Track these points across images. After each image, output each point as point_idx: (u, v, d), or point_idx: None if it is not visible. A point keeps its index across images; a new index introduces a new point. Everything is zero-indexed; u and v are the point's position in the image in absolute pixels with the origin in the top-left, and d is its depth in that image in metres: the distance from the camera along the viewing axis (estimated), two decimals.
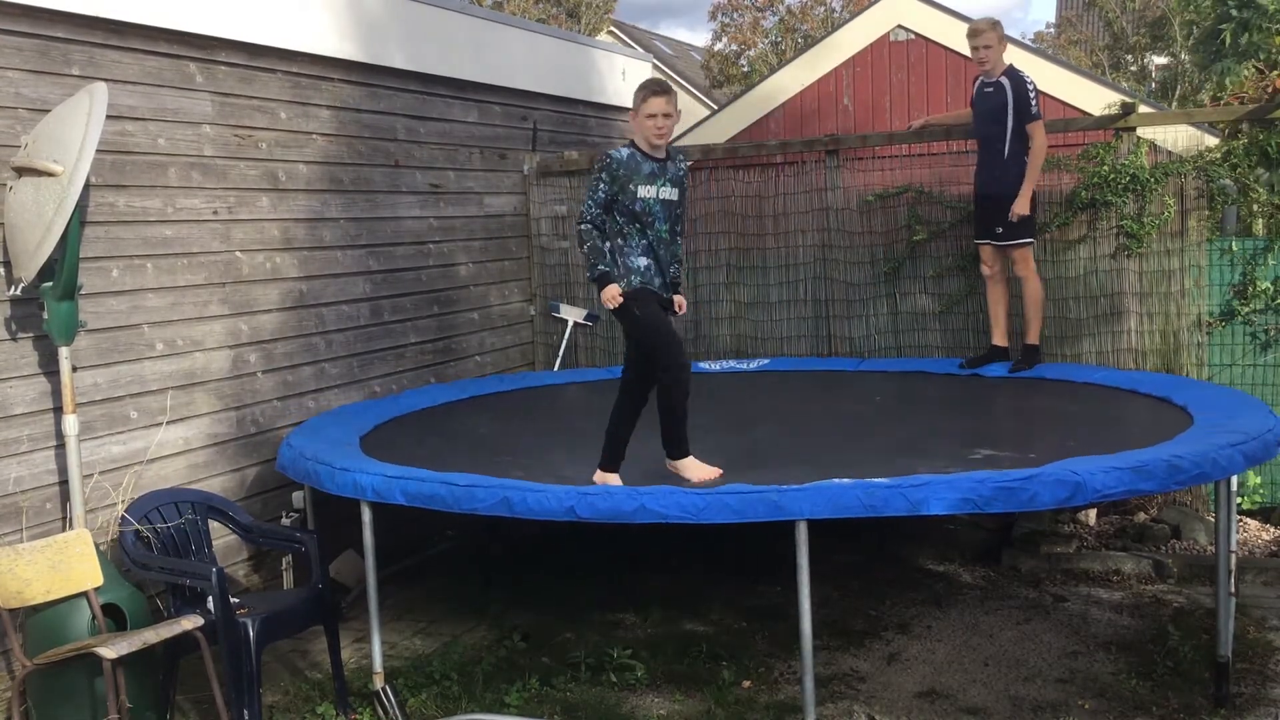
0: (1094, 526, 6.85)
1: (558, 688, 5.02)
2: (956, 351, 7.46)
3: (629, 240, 4.84)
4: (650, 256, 4.87)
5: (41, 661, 4.40)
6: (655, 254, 4.88)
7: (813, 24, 29.41)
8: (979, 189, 6.89)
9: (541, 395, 7.29)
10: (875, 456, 5.12)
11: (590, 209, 4.79)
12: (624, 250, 4.84)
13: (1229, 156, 6.84)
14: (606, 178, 4.78)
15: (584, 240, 4.80)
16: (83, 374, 5.18)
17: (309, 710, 4.93)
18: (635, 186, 4.79)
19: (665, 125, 4.81)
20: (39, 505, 5.02)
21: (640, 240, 4.85)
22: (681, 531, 4.79)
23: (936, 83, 9.44)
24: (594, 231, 4.79)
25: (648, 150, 4.84)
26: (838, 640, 5.44)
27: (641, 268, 4.84)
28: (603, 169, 4.80)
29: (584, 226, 4.80)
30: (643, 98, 4.81)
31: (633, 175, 4.79)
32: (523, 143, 8.36)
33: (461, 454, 5.40)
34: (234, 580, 5.87)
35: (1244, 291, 6.85)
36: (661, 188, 4.86)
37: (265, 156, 6.21)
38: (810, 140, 8.24)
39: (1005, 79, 6.62)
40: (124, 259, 5.44)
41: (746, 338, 8.05)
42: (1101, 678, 4.92)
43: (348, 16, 6.68)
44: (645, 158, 4.84)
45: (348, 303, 6.76)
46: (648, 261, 4.86)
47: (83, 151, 4.70)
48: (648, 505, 4.23)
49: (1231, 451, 4.38)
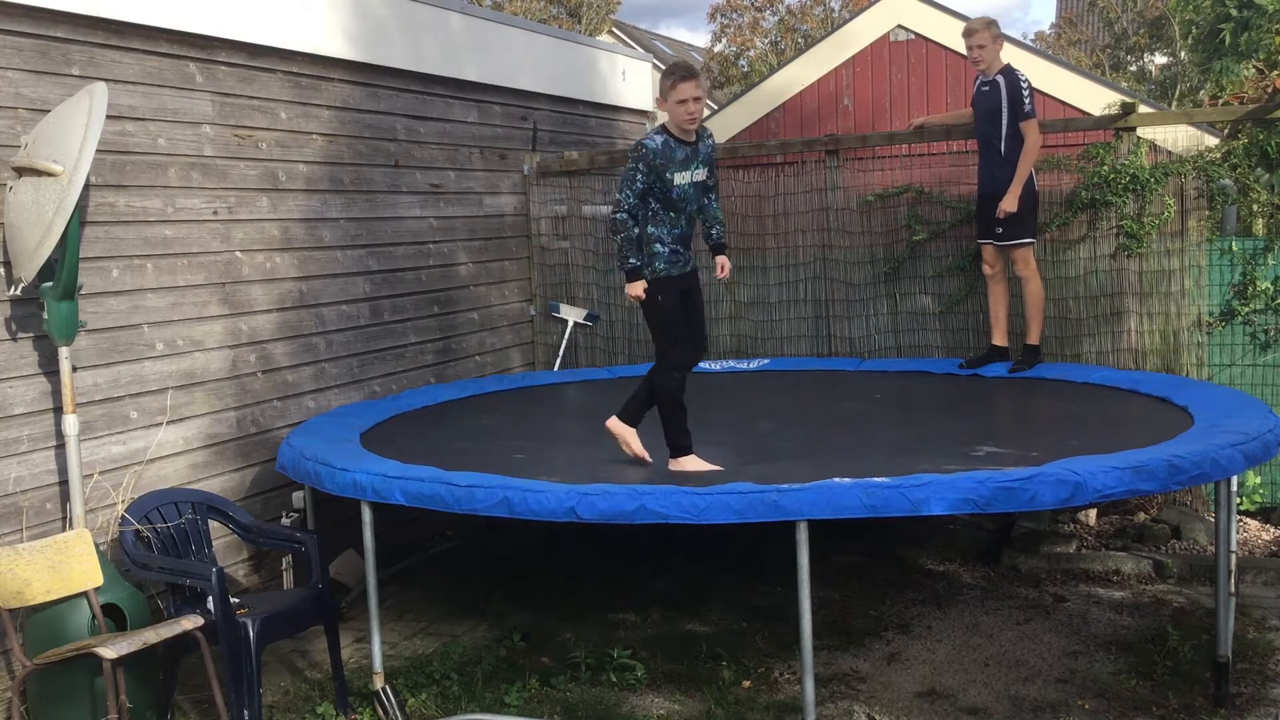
0: (1094, 526, 6.86)
1: (558, 688, 5.02)
2: (956, 351, 7.46)
3: (660, 226, 4.93)
4: (680, 242, 4.99)
5: (41, 661, 4.40)
6: (685, 237, 5.01)
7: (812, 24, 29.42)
8: (979, 188, 6.91)
9: (541, 395, 7.29)
10: (875, 456, 5.11)
11: (628, 199, 4.84)
12: (655, 236, 4.93)
13: (1229, 156, 6.84)
14: (644, 168, 4.83)
15: (619, 230, 4.86)
16: (83, 374, 5.18)
17: (309, 710, 4.93)
18: (671, 175, 4.86)
19: (696, 109, 4.86)
20: (39, 505, 5.02)
21: (672, 227, 4.95)
22: (681, 531, 4.79)
23: (937, 83, 9.45)
24: (630, 222, 4.86)
25: (679, 135, 4.89)
26: (838, 640, 5.44)
27: (669, 254, 4.95)
28: (639, 159, 4.84)
29: (620, 216, 4.85)
30: (672, 84, 4.83)
31: (669, 164, 4.85)
32: (523, 143, 8.36)
33: (461, 454, 5.39)
34: (234, 580, 5.87)
35: (1244, 291, 6.85)
36: (695, 171, 4.94)
37: (265, 156, 6.21)
38: (810, 140, 8.24)
39: (1001, 78, 6.64)
40: (124, 259, 5.44)
41: (746, 338, 8.05)
42: (1101, 678, 4.92)
43: (348, 16, 6.68)
44: (679, 143, 4.89)
45: (348, 303, 6.76)
46: (677, 247, 4.98)
47: (83, 151, 4.70)
48: (648, 505, 4.23)
49: (1231, 451, 4.38)
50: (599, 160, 8.47)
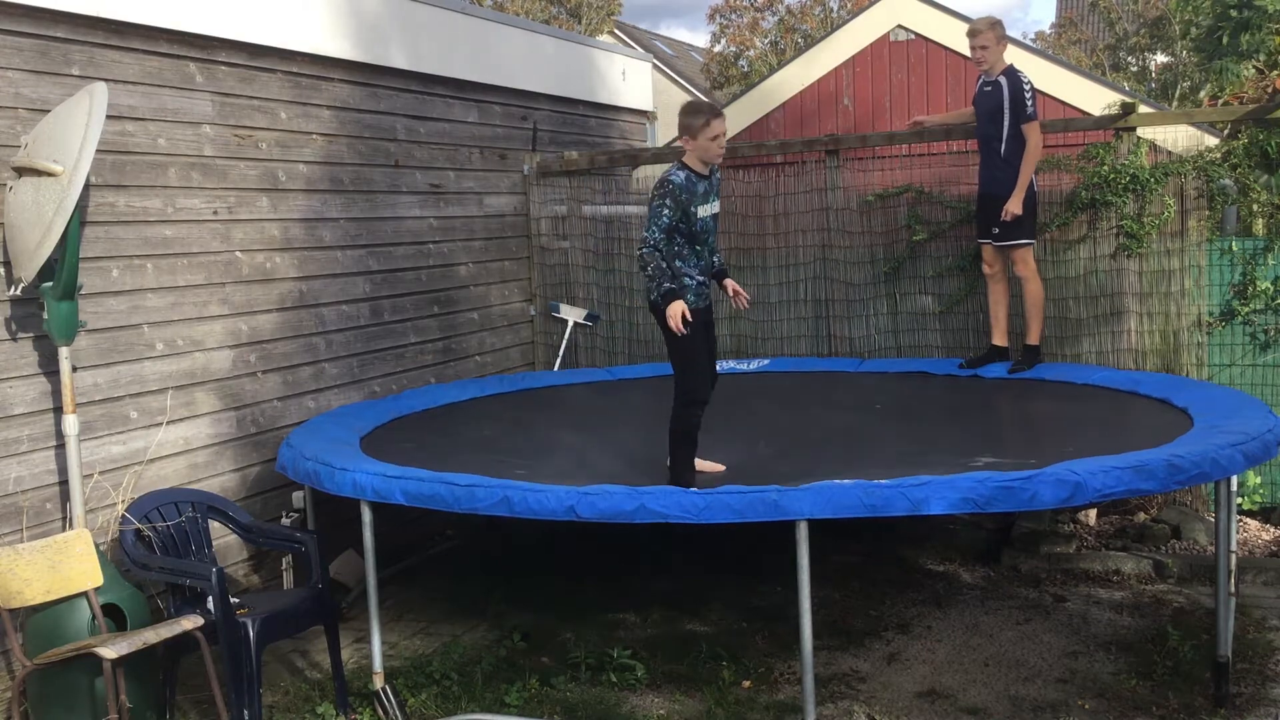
0: (1094, 526, 6.86)
1: (558, 688, 5.02)
2: (956, 351, 7.46)
3: (685, 261, 4.99)
4: (703, 274, 5.07)
5: (41, 661, 4.40)
6: (706, 270, 5.10)
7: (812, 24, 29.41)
8: (979, 188, 6.91)
9: (541, 395, 7.29)
10: (875, 456, 5.11)
11: (655, 234, 4.88)
12: (683, 270, 4.98)
13: (1229, 157, 6.83)
14: (671, 204, 4.88)
15: (647, 263, 4.89)
16: (83, 374, 5.18)
17: (309, 710, 4.93)
18: (695, 209, 4.94)
19: (724, 144, 4.98)
20: (39, 505, 5.02)
21: (696, 260, 5.02)
22: (681, 531, 4.79)
23: (937, 82, 9.45)
24: (656, 254, 4.89)
25: (700, 171, 4.97)
26: (838, 640, 5.44)
27: (695, 287, 5.02)
28: (666, 195, 4.88)
29: (646, 251, 4.89)
30: (705, 121, 4.91)
31: (693, 199, 4.93)
32: (523, 143, 8.36)
33: (462, 454, 5.40)
34: (234, 580, 5.87)
35: (1244, 291, 6.84)
36: (712, 203, 5.05)
37: (265, 156, 6.21)
38: (810, 140, 8.24)
39: (1003, 78, 6.63)
40: (124, 259, 5.44)
41: (746, 338, 8.04)
42: (1101, 678, 4.92)
43: (348, 16, 6.68)
44: (699, 178, 4.97)
45: (348, 303, 6.76)
46: (701, 279, 5.06)
47: (83, 151, 4.70)
48: (648, 505, 4.23)
49: (1231, 451, 4.38)
50: (599, 160, 8.47)
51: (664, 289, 4.89)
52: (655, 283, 4.90)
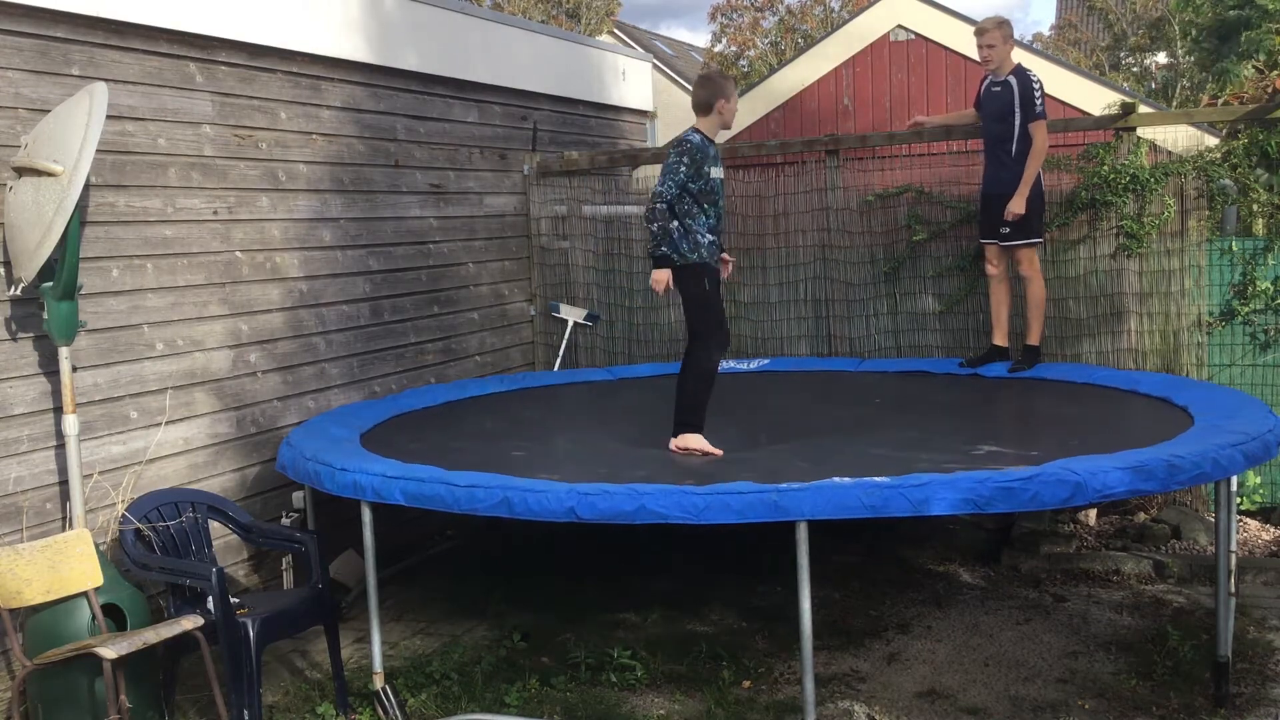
0: (1094, 526, 6.86)
1: (557, 688, 5.02)
2: (956, 351, 7.46)
3: (696, 219, 5.31)
4: (714, 233, 5.40)
5: (41, 662, 4.40)
6: (718, 229, 5.44)
7: (812, 24, 29.43)
8: (985, 188, 6.88)
9: (541, 395, 7.29)
10: (876, 456, 5.11)
11: (670, 189, 5.22)
12: (693, 228, 5.29)
13: (1229, 156, 6.84)
14: (688, 160, 5.25)
15: (656, 218, 5.23)
16: (83, 374, 5.18)
17: (309, 710, 4.93)
18: (708, 168, 5.30)
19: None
20: (39, 505, 5.02)
21: (707, 218, 5.35)
22: (681, 531, 4.79)
23: (937, 83, 9.46)
24: (667, 211, 5.23)
25: (712, 137, 5.41)
26: (838, 640, 5.44)
27: (708, 243, 5.34)
28: (684, 153, 5.26)
29: (660, 205, 5.21)
30: (731, 89, 5.43)
31: (706, 159, 5.29)
32: (523, 143, 8.36)
33: (462, 454, 5.39)
34: (234, 580, 5.87)
35: (1244, 291, 6.85)
36: (719, 167, 5.44)
37: (265, 156, 6.21)
38: (810, 140, 8.24)
39: (1013, 78, 6.62)
40: (124, 259, 5.44)
41: (746, 338, 8.04)
42: (1101, 678, 4.92)
43: (348, 17, 6.68)
44: (710, 142, 5.39)
45: (348, 303, 6.76)
46: (713, 237, 5.40)
47: (83, 151, 4.70)
48: (648, 505, 4.23)
49: (1231, 451, 4.38)
50: (599, 160, 8.47)
51: (659, 253, 5.25)
52: (655, 241, 5.24)
